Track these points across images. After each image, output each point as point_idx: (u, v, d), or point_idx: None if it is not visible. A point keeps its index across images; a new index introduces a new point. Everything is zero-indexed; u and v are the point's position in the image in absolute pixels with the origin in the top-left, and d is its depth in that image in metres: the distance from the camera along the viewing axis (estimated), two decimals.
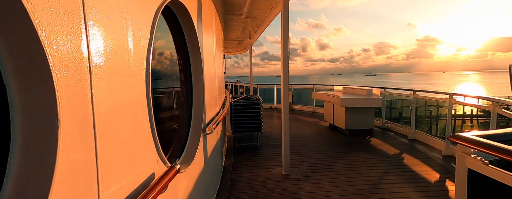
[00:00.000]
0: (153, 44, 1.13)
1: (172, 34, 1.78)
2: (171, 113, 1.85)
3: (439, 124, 8.05)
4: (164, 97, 1.76)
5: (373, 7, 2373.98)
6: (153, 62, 1.23)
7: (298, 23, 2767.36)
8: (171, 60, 1.83)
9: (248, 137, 4.99)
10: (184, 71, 1.99)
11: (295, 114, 8.46)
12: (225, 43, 9.74)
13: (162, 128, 1.63)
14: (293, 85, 9.72)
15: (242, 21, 5.54)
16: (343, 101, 5.10)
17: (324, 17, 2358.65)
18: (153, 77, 1.11)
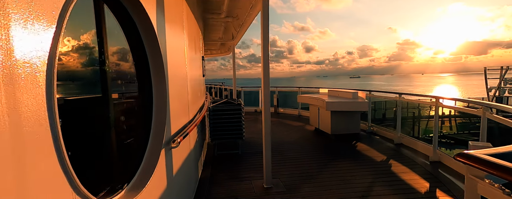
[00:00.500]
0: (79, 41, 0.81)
1: (123, 29, 1.45)
2: (122, 125, 1.51)
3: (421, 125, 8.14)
4: (114, 105, 1.41)
5: (356, 11, 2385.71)
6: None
7: (284, 26, 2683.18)
8: (127, 61, 1.50)
9: (229, 144, 4.66)
10: (142, 75, 1.66)
11: (280, 118, 8.23)
12: (207, 44, 9.38)
13: (106, 145, 1.29)
14: (279, 88, 9.51)
15: (222, 20, 5.23)
16: (329, 104, 4.90)
17: (309, 20, 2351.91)
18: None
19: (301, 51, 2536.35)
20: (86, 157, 1.13)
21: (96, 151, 1.24)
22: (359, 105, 4.83)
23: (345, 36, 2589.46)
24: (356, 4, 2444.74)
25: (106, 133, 1.29)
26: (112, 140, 1.34)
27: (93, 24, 1.19)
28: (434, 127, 3.63)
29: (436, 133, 3.61)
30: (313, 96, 5.87)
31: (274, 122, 7.48)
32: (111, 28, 1.32)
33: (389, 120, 6.92)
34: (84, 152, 1.12)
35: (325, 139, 5.20)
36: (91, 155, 1.19)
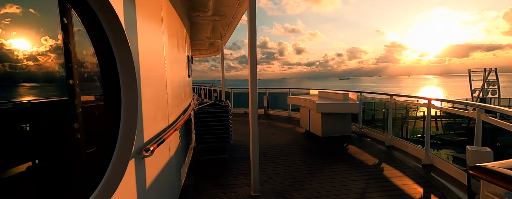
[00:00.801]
0: None
1: (84, 25, 1.23)
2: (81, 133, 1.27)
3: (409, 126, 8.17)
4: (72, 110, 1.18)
5: (345, 13, 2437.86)
6: None
7: (275, 27, 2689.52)
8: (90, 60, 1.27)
9: (216, 148, 4.44)
10: (109, 75, 1.43)
11: (270, 119, 8.07)
12: (195, 44, 9.11)
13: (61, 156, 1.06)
14: (269, 89, 9.35)
15: (209, 19, 5.01)
16: (319, 106, 4.77)
17: (300, 22, 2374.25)
18: None
19: (292, 52, 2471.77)
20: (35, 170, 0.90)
21: (49, 162, 1.01)
22: (350, 107, 4.72)
23: (334, 38, 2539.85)
24: (345, 6, 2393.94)
25: (62, 141, 1.07)
26: (70, 149, 1.11)
27: (53, 19, 0.97)
28: (426, 130, 3.55)
29: (428, 135, 3.53)
30: (304, 98, 5.74)
31: (264, 123, 7.31)
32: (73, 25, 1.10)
33: (378, 121, 6.88)
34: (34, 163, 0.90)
35: (316, 141, 5.06)
36: (43, 166, 0.97)
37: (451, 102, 3.37)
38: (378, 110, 7.20)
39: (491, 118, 2.34)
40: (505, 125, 2.16)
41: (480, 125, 2.44)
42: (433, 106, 3.44)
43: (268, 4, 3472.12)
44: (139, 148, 1.60)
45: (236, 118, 8.59)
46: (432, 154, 3.53)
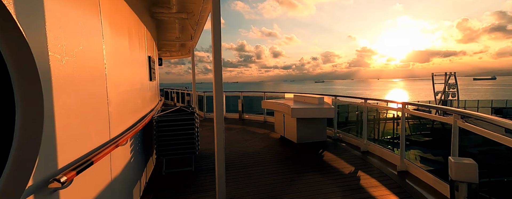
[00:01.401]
0: None
1: None
2: None
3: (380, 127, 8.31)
4: None
5: (320, 19, 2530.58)
6: None
7: (252, 31, 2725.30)
8: None
9: (182, 160, 3.98)
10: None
11: (245, 124, 7.72)
12: (165, 45, 8.52)
13: None
14: (244, 93, 9.01)
15: (175, 17, 4.56)
16: (294, 111, 4.53)
17: (276, 26, 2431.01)
18: None
19: (269, 56, 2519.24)
20: None
21: None
22: (326, 112, 4.54)
23: (310, 42, 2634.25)
24: (320, 12, 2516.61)
25: None
26: None
27: None
28: (401, 136, 3.44)
29: (403, 142, 3.42)
30: (278, 102, 5.48)
31: (237, 129, 6.94)
32: None
33: (351, 123, 6.87)
34: None
35: (291, 148, 4.81)
36: None
37: (426, 107, 3.30)
38: (351, 111, 7.21)
39: (469, 124, 2.23)
40: (485, 132, 2.04)
41: (457, 132, 2.33)
42: (408, 111, 3.35)
43: (245, 7, 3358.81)
44: (44, 179, 1.16)
45: (208, 123, 8.12)
46: (407, 160, 3.42)
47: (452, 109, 2.37)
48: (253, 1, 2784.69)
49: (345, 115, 8.02)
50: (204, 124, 7.89)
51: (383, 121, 9.43)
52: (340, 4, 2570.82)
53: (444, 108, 2.43)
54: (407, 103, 3.43)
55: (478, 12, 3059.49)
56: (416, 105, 3.40)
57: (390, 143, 14.68)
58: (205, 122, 8.32)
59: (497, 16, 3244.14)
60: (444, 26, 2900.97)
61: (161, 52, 9.85)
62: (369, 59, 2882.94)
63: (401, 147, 3.43)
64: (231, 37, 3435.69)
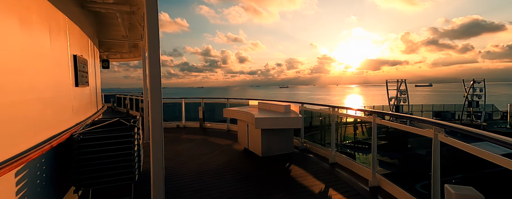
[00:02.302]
0: None
1: None
2: None
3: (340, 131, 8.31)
4: None
5: (283, 27, 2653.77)
6: None
7: (218, 36, 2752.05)
8: None
9: (119, 187, 3.15)
10: None
11: (206, 134, 7.01)
12: (113, 45, 7.42)
13: None
14: (205, 99, 8.29)
15: (116, 9, 3.76)
16: (258, 121, 4.04)
17: (242, 32, 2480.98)
18: None
19: (235, 61, 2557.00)
20: None
21: None
22: (293, 121, 4.14)
23: (274, 49, 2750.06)
24: (283, 21, 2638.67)
25: None
26: None
27: None
28: (372, 149, 3.17)
29: (375, 155, 3.16)
30: (241, 111, 4.95)
31: (197, 140, 6.20)
32: None
33: (315, 128, 6.68)
34: None
35: (255, 163, 4.29)
36: None
37: (399, 117, 3.10)
38: (315, 116, 7.03)
39: (451, 139, 1.98)
40: (467, 147, 1.78)
41: (438, 147, 2.07)
42: (379, 120, 3.11)
43: (211, 12, 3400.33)
44: None
45: (165, 134, 7.20)
46: (379, 175, 3.16)
47: (432, 121, 2.11)
48: (218, 6, 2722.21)
49: (309, 120, 7.85)
50: None
51: (344, 125, 9.54)
52: (302, 14, 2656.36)
53: (420, 118, 2.17)
54: (377, 111, 3.19)
55: (417, 27, 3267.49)
56: (388, 114, 3.17)
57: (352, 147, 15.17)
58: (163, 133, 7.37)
59: (431, 32, 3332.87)
60: (391, 38, 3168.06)
61: (110, 53, 8.62)
62: (329, 66, 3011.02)
63: (373, 161, 3.16)
64: (196, 41, 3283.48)
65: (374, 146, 3.20)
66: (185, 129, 7.89)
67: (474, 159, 1.82)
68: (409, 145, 9.56)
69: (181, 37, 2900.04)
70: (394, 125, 2.83)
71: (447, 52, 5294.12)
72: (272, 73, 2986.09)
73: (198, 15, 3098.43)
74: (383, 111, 3.15)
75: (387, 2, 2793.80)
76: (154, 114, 1.83)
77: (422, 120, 2.21)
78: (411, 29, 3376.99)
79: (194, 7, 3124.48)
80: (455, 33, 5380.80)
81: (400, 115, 2.73)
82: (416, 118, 2.30)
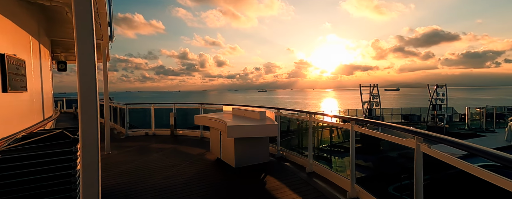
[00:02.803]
0: None
1: None
2: None
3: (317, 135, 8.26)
4: None
5: (261, 31, 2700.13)
6: None
7: (195, 39, 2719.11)
8: None
9: None
10: None
11: (177, 142, 6.50)
12: (72, 45, 6.65)
13: None
14: (177, 105, 7.76)
15: (62, 3, 3.24)
16: (231, 130, 3.70)
17: (220, 36, 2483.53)
18: None
19: (213, 65, 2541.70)
20: None
21: None
22: (268, 129, 3.87)
23: (253, 53, 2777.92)
24: (261, 25, 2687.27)
25: None
26: None
27: None
28: (351, 158, 2.99)
29: (353, 165, 2.98)
30: (214, 118, 4.58)
31: (166, 150, 5.69)
32: None
33: (293, 132, 6.52)
34: None
35: (228, 174, 3.93)
36: None
37: (380, 125, 2.94)
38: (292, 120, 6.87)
39: (436, 150, 1.81)
40: (454, 161, 1.62)
41: (421, 159, 1.89)
42: (360, 129, 2.94)
43: (188, 15, 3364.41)
44: None
45: (131, 142, 6.57)
46: (358, 186, 2.97)
47: (413, 130, 1.94)
48: (196, 9, 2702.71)
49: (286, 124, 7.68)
50: (123, 145, 6.31)
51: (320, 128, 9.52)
52: (279, 19, 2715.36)
53: (404, 128, 2.01)
54: (355, 118, 3.03)
55: (385, 35, 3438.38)
56: (368, 122, 3.01)
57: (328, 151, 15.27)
58: (127, 141, 6.72)
59: (398, 39, 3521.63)
60: (362, 45, 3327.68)
61: (69, 54, 7.77)
62: (305, 71, 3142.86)
63: (351, 172, 2.97)
64: (172, 44, 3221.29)
65: (352, 155, 3.02)
66: (155, 137, 7.29)
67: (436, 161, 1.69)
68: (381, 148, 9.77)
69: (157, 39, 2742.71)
70: (372, 133, 2.66)
71: (412, 59, 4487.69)
72: (250, 77, 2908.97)
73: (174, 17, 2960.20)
74: (362, 118, 2.98)
75: (359, 11, 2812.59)
76: (86, 130, 1.43)
77: (404, 129, 2.04)
78: (380, 36, 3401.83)
79: (171, 9, 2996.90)
80: (418, 41, 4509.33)
81: (381, 123, 2.56)
82: (399, 126, 2.13)
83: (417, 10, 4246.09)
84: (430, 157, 1.78)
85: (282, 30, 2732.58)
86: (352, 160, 3.01)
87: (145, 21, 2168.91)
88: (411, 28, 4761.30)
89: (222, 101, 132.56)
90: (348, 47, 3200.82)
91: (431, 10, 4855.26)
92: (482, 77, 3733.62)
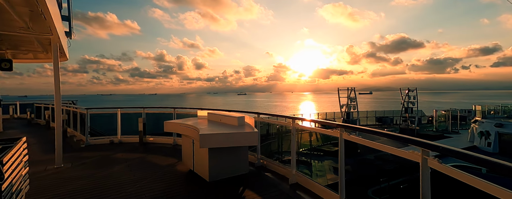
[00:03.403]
0: None
1: None
2: None
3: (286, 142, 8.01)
4: None
5: (241, 35, 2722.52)
6: None
7: (173, 41, 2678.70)
8: None
9: None
10: None
11: (147, 151, 5.83)
12: (20, 42, 5.76)
13: None
14: (147, 109, 7.05)
15: None
16: (204, 139, 3.21)
17: (199, 38, 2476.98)
18: None
19: (192, 67, 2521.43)
20: None
21: None
22: (247, 137, 3.43)
23: (232, 56, 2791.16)
24: (241, 29, 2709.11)
25: None
26: None
27: None
28: (339, 172, 2.66)
29: (342, 179, 2.65)
30: (186, 124, 4.06)
31: (132, 160, 5.02)
32: None
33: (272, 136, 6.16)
34: None
35: (201, 191, 3.42)
36: None
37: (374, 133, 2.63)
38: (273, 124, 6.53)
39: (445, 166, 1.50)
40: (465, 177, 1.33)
41: (428, 177, 1.56)
42: (347, 136, 2.63)
43: (165, 16, 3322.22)
44: None
45: (92, 152, 5.77)
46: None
47: (420, 141, 1.62)
48: (173, 11, 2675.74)
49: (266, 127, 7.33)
50: (81, 155, 5.50)
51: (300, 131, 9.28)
52: (258, 23, 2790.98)
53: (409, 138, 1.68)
54: (344, 125, 2.71)
55: (359, 41, 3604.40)
56: (357, 129, 2.70)
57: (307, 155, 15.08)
58: (87, 151, 5.90)
59: (370, 46, 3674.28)
60: (338, 50, 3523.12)
61: (17, 52, 6.75)
62: (284, 74, 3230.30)
63: (340, 186, 2.64)
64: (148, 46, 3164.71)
65: (341, 168, 2.68)
66: (121, 145, 6.52)
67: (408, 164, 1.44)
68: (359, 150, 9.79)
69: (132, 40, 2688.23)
70: (365, 143, 2.34)
71: (383, 64, 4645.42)
72: (230, 80, 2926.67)
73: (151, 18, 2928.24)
74: (353, 125, 2.66)
75: (334, 17, 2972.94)
76: None
77: (409, 139, 1.72)
78: (354, 42, 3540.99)
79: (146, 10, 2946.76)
80: (388, 48, 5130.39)
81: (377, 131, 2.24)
82: (403, 137, 1.80)
83: (387, 18, 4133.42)
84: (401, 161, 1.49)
85: (261, 34, 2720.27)
86: (340, 174, 2.67)
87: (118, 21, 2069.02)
88: (381, 35, 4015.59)
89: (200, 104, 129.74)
90: (325, 52, 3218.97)
91: (399, 19, 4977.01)
92: (444, 82, 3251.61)
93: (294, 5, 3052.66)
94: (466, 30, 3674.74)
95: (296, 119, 3.59)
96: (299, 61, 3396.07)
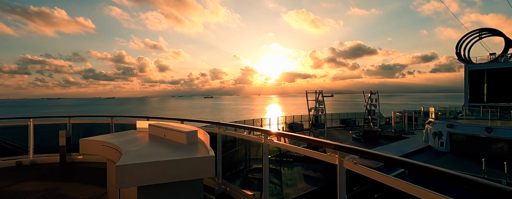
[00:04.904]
0: None
1: None
2: None
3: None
4: None
5: (207, 37, 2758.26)
6: None
7: (134, 41, 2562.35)
8: None
9: None
10: None
11: (67, 176, 4.29)
12: None
13: None
14: (73, 118, 5.40)
15: None
16: (123, 173, 1.97)
17: (162, 39, 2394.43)
18: None
19: (154, 69, 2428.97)
20: None
21: None
22: (198, 166, 2.23)
23: (198, 58, 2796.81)
24: (207, 31, 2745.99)
25: None
26: None
27: None
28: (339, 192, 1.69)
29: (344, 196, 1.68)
30: (109, 143, 2.74)
31: (42, 192, 3.48)
32: None
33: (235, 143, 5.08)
34: None
35: None
36: None
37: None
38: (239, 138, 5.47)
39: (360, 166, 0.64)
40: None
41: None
42: (355, 167, 1.69)
43: (124, 15, 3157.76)
44: None
45: None
46: None
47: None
48: (133, 10, 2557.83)
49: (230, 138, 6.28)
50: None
51: None
52: (225, 26, 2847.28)
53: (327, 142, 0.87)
54: (342, 146, 1.76)
55: (321, 46, 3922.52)
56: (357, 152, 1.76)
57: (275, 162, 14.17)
58: None
59: (331, 51, 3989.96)
60: (302, 55, 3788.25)
61: None
62: (251, 78, 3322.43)
63: None
64: (104, 46, 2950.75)
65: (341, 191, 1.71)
66: (34, 168, 4.79)
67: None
68: None
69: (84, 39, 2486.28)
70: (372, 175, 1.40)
71: (342, 68, 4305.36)
72: (196, 83, 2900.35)
73: (107, 16, 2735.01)
74: (352, 147, 1.68)
75: (298, 23, 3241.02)
76: None
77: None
78: (316, 48, 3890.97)
79: (102, 7, 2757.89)
80: (346, 53, 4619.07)
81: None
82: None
83: (345, 26, 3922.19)
84: None
85: (228, 37, 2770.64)
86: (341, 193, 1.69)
87: (69, 18, 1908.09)
88: (341, 41, 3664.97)
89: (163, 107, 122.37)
90: (290, 56, 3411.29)
91: (356, 27, 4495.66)
92: (393, 86, 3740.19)
93: (260, 10, 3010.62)
94: (410, 40, 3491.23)
95: (270, 134, 2.55)
96: (265, 65, 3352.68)
